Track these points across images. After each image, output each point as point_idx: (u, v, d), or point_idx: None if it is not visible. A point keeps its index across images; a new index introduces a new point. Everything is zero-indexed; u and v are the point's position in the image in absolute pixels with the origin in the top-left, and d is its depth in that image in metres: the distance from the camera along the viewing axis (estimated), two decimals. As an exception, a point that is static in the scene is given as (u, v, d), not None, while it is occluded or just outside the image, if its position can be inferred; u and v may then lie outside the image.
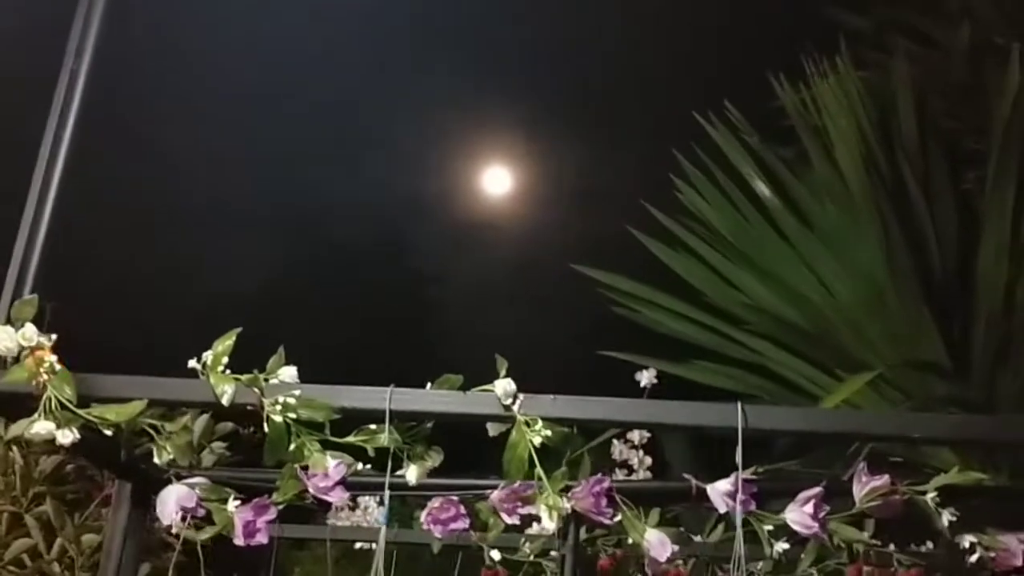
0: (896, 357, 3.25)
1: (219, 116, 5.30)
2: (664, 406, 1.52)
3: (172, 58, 4.67)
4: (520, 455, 1.50)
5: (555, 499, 1.50)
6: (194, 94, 5.08)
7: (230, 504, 1.71)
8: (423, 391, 1.54)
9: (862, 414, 2.09)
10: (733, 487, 1.78)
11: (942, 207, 3.58)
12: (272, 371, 1.57)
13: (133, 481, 2.03)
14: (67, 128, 1.78)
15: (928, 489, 1.82)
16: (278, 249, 6.31)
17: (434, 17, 5.23)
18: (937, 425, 1.56)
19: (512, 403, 1.52)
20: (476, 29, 5.34)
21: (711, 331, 3.65)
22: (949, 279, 3.47)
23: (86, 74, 1.82)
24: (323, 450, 1.55)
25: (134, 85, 4.11)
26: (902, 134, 3.69)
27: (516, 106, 5.49)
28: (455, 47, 5.42)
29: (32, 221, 1.68)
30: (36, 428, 1.52)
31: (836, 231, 3.53)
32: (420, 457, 1.59)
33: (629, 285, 3.79)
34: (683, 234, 3.75)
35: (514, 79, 5.44)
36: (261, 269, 6.11)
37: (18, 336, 1.56)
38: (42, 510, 2.92)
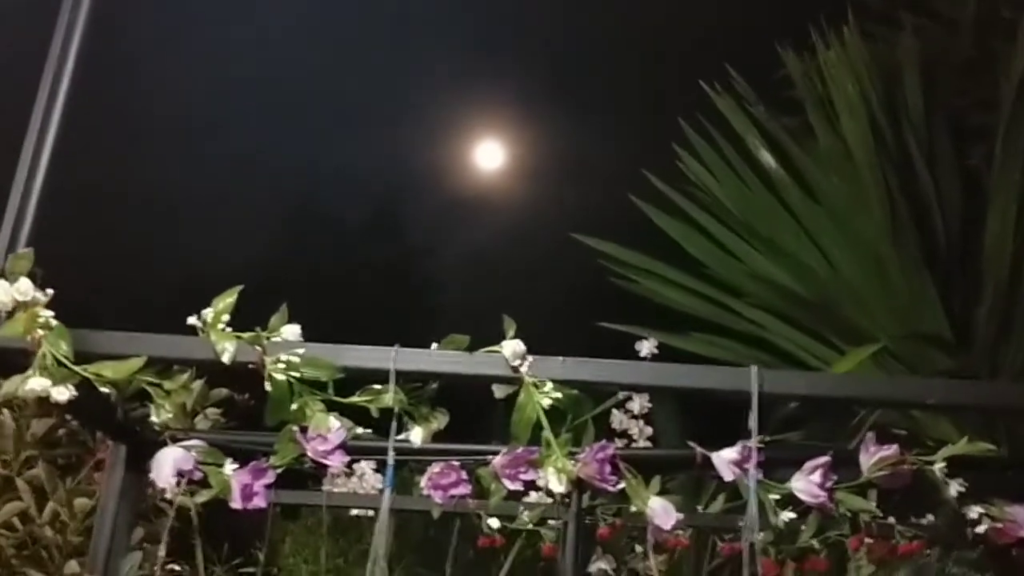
0: (899, 330, 3.23)
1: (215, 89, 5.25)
2: (676, 369, 1.49)
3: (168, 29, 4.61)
4: (528, 417, 1.47)
5: (563, 462, 1.47)
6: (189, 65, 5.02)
7: (227, 467, 1.67)
8: (429, 351, 1.51)
9: (875, 379, 2.07)
10: (740, 455, 1.76)
11: (947, 180, 3.55)
12: (274, 329, 1.53)
13: (128, 443, 2.00)
14: (63, 82, 1.73)
15: (937, 459, 1.80)
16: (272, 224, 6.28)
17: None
18: (952, 391, 1.53)
19: (520, 364, 1.48)
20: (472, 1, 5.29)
21: (712, 303, 3.62)
22: (953, 252, 3.44)
23: (81, 32, 1.77)
24: (326, 410, 1.51)
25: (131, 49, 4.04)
26: (908, 107, 3.65)
27: (517, 76, 5.43)
28: (451, 16, 5.36)
29: (27, 174, 1.63)
30: (31, 384, 1.48)
31: (840, 203, 3.50)
32: (425, 418, 1.55)
33: (629, 255, 3.75)
34: (685, 204, 3.71)
35: (515, 48, 5.39)
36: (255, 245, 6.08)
37: (12, 290, 1.51)
38: (34, 473, 2.88)
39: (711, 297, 3.64)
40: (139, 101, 4.68)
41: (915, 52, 3.73)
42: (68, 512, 2.83)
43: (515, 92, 5.61)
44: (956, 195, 3.53)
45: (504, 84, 5.55)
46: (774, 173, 3.60)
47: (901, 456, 1.79)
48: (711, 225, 3.68)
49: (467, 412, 1.80)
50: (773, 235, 3.53)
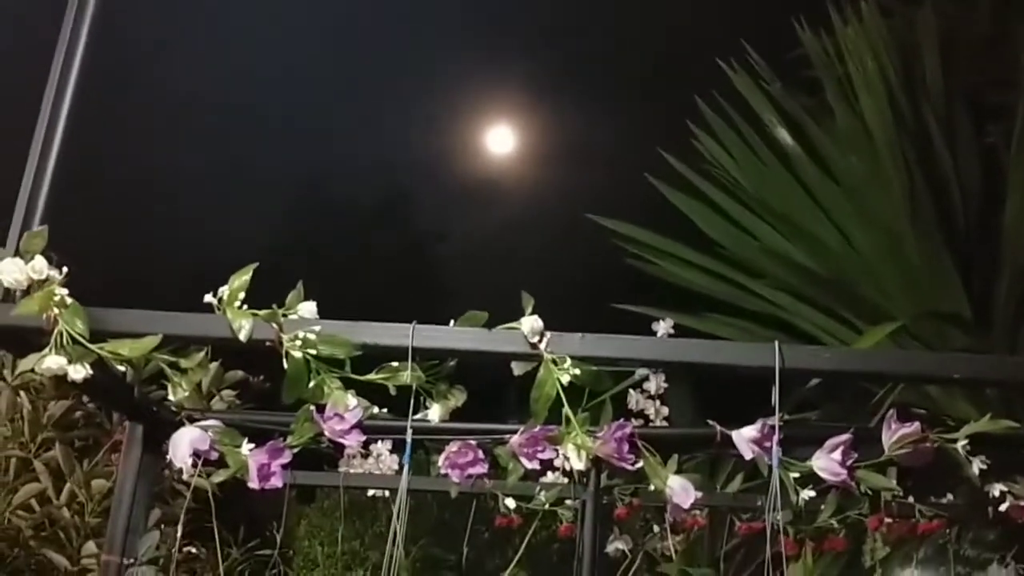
0: (917, 308, 3.20)
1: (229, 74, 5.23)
2: (697, 344, 1.47)
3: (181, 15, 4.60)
4: (547, 393, 1.46)
5: (583, 438, 1.46)
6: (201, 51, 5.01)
7: (244, 447, 1.66)
8: (447, 328, 1.49)
9: (899, 354, 2.04)
10: (760, 433, 1.74)
11: (966, 159, 3.51)
12: (291, 306, 1.51)
13: (145, 424, 1.99)
14: (74, 63, 1.72)
15: (959, 437, 1.77)
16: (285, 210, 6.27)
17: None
18: (978, 366, 1.50)
19: (539, 341, 1.47)
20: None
21: (728, 283, 3.59)
22: (972, 231, 3.41)
23: (92, 17, 1.75)
24: (344, 388, 1.50)
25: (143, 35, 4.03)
26: (927, 84, 3.61)
27: (531, 56, 5.40)
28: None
29: (40, 152, 1.62)
30: (47, 363, 1.47)
31: (858, 181, 3.46)
32: (443, 396, 1.54)
33: (645, 235, 3.73)
34: (701, 183, 3.68)
35: (529, 27, 5.35)
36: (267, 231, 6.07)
37: (28, 268, 1.50)
38: (51, 455, 2.89)
39: (727, 277, 3.61)
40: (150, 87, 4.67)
41: (934, 29, 3.68)
42: (85, 493, 2.84)
43: (528, 73, 5.58)
44: (975, 173, 3.49)
45: (518, 65, 5.52)
46: (791, 151, 3.56)
47: (923, 434, 1.77)
48: (728, 204, 3.65)
49: (480, 391, 1.79)
50: (790, 214, 3.50)
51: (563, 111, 5.73)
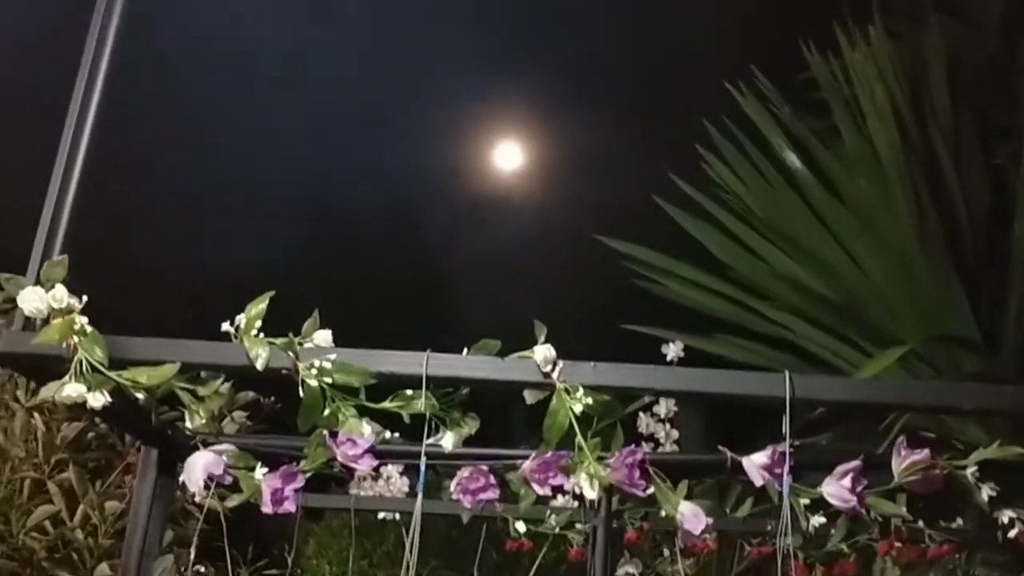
0: (926, 332, 3.21)
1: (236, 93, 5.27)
2: (709, 374, 1.48)
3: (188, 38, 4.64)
4: (560, 423, 1.47)
5: (596, 467, 1.47)
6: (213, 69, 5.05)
7: (258, 471, 1.68)
8: (460, 356, 1.51)
9: (909, 384, 2.05)
10: (770, 459, 1.75)
11: (974, 181, 3.52)
12: (307, 335, 1.54)
13: (159, 448, 2.01)
14: (95, 89, 1.75)
15: (968, 463, 1.78)
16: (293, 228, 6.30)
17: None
18: (988, 396, 1.51)
19: (552, 370, 1.48)
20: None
21: (737, 305, 3.60)
22: (980, 254, 3.41)
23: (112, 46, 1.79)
24: (358, 416, 1.52)
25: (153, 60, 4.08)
26: (934, 107, 3.62)
27: (541, 76, 5.43)
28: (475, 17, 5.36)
29: (61, 182, 1.65)
30: (67, 391, 1.49)
31: (866, 204, 3.47)
32: (456, 423, 1.56)
33: (654, 257, 3.74)
34: (710, 206, 3.70)
35: (538, 48, 5.38)
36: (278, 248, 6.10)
37: (48, 297, 1.53)
38: (64, 477, 2.91)
39: (737, 299, 3.62)
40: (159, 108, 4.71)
41: (941, 51, 3.70)
42: (99, 515, 2.85)
43: (539, 94, 5.61)
44: (983, 195, 3.50)
45: (528, 86, 5.55)
46: (800, 174, 3.58)
47: (932, 460, 1.78)
48: (736, 227, 3.66)
49: (489, 414, 1.80)
50: (799, 237, 3.51)
51: (574, 132, 5.75)
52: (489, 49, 5.37)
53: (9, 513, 2.87)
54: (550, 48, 5.37)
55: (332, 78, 5.55)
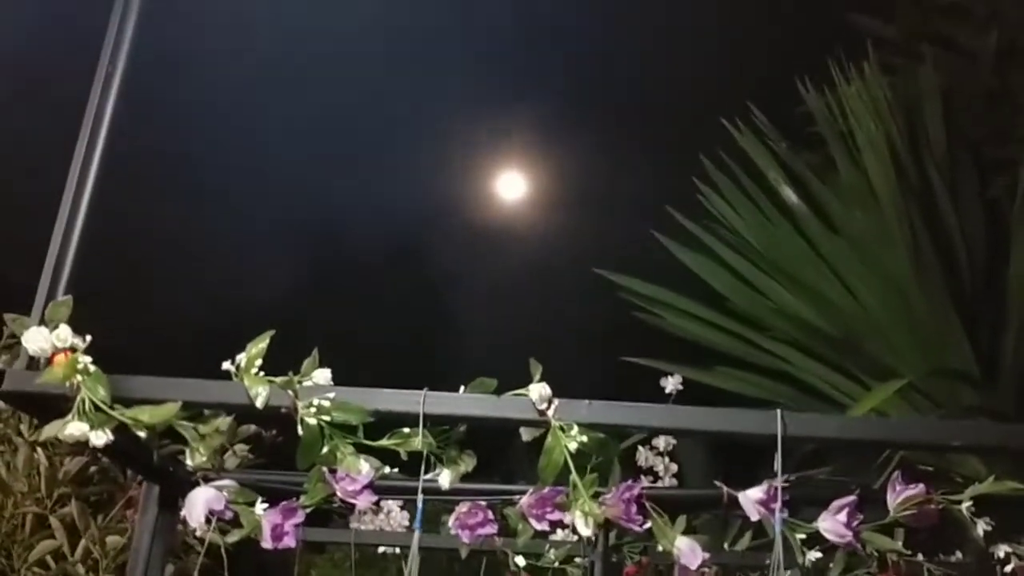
0: (924, 365, 3.22)
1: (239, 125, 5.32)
2: (702, 412, 1.50)
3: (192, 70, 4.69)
4: (556, 460, 1.49)
5: (590, 505, 1.49)
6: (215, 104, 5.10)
7: (258, 507, 1.70)
8: (457, 394, 1.54)
9: (902, 422, 2.07)
10: (766, 495, 1.76)
11: (970, 213, 3.55)
12: (306, 373, 1.56)
13: (161, 483, 2.03)
14: (102, 130, 1.79)
15: (963, 498, 1.80)
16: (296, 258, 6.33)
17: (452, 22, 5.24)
18: (978, 433, 1.53)
19: (547, 408, 1.51)
20: (496, 32, 5.35)
21: (736, 337, 3.62)
22: (978, 286, 3.43)
23: (120, 78, 1.83)
24: (356, 453, 1.54)
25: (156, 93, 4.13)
26: (930, 140, 3.66)
27: (538, 110, 5.48)
28: (474, 50, 5.42)
29: (67, 222, 1.68)
30: (70, 429, 1.52)
31: (863, 237, 3.50)
32: (453, 461, 1.58)
33: (653, 290, 3.76)
34: (708, 239, 3.72)
35: (536, 82, 5.44)
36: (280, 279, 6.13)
37: (52, 337, 1.55)
38: (66, 511, 2.92)
39: (735, 332, 3.64)
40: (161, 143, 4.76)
41: (935, 85, 3.74)
42: (100, 550, 2.87)
43: (538, 128, 5.66)
44: (979, 227, 3.52)
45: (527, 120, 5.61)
46: (796, 208, 3.61)
47: (928, 495, 1.79)
48: (734, 260, 3.69)
49: (490, 446, 1.82)
50: (796, 270, 3.54)
51: (573, 165, 5.80)
52: (489, 83, 5.43)
53: (11, 548, 2.88)
54: (549, 83, 5.43)
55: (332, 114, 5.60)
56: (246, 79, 5.01)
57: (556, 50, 5.37)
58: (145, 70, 1.82)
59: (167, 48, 2.14)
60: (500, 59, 5.42)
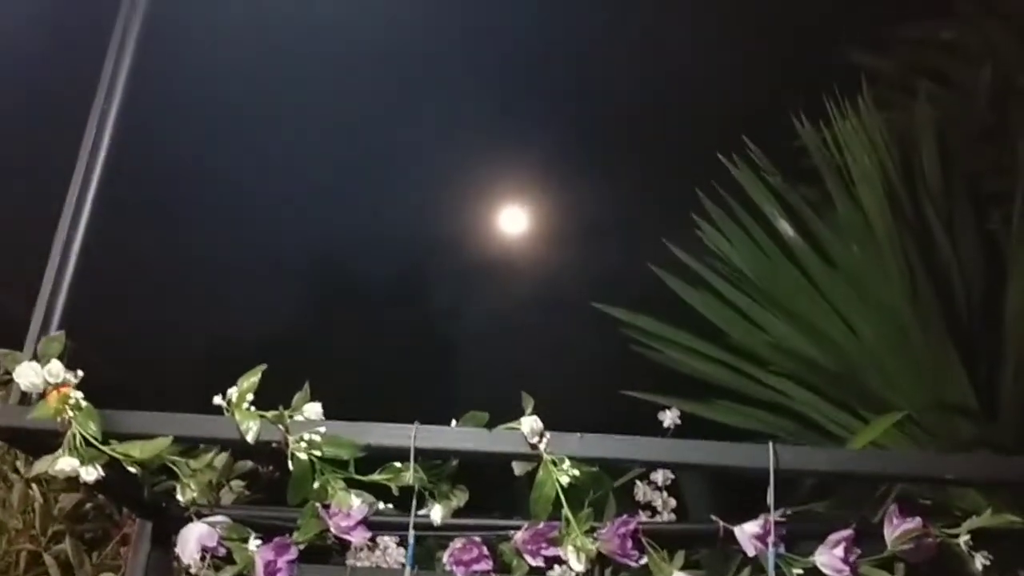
0: (922, 398, 3.21)
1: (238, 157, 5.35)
2: (694, 445, 1.50)
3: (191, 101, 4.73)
4: (547, 495, 1.49)
5: (583, 540, 1.48)
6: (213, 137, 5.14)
7: (251, 543, 1.70)
8: (448, 428, 1.53)
9: (894, 455, 2.06)
10: (762, 529, 1.76)
11: (967, 247, 3.55)
12: (297, 408, 1.56)
13: (154, 520, 2.02)
14: (96, 166, 1.80)
15: (961, 532, 1.78)
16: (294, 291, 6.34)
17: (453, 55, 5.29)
18: (970, 466, 1.53)
19: (538, 441, 1.50)
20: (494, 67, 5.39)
21: (734, 371, 3.61)
22: (975, 319, 3.43)
23: (117, 113, 1.84)
24: (347, 488, 1.54)
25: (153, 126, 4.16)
26: (925, 174, 3.67)
27: (536, 144, 5.52)
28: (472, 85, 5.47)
29: (60, 258, 1.69)
30: (60, 465, 1.52)
31: (860, 271, 3.50)
32: (445, 496, 1.57)
33: (650, 324, 3.76)
34: (705, 273, 3.73)
35: (533, 117, 5.48)
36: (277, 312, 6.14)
37: (44, 372, 1.56)
38: (60, 548, 2.91)
39: (733, 366, 3.63)
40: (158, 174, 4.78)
41: (931, 119, 3.76)
42: (94, 588, 2.84)
43: (536, 162, 5.70)
44: (976, 261, 3.52)
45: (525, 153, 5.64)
46: (793, 242, 3.62)
47: (925, 529, 1.78)
48: (732, 293, 3.69)
49: (490, 482, 1.81)
50: (793, 303, 3.53)
51: (571, 199, 5.83)
52: (488, 117, 5.46)
53: (5, 586, 2.86)
54: (547, 118, 5.47)
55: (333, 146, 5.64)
56: (246, 109, 5.04)
57: (556, 85, 5.42)
58: (142, 101, 1.84)
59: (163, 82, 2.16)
60: (500, 94, 5.47)
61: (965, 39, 4.35)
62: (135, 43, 1.86)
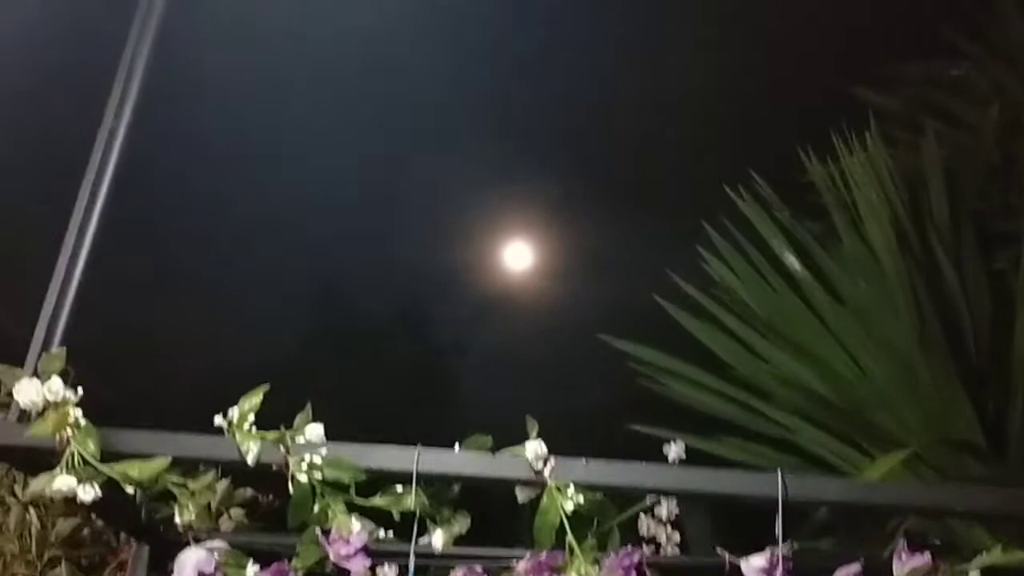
0: (930, 435, 3.18)
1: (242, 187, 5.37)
2: (701, 473, 1.48)
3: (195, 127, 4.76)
4: (551, 521, 1.46)
5: (587, 568, 1.45)
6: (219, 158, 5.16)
7: (249, 569, 1.67)
8: (451, 452, 1.51)
9: (903, 486, 2.03)
10: (768, 563, 1.73)
11: (975, 284, 3.54)
12: (299, 429, 1.54)
13: (151, 544, 2.00)
14: (103, 185, 1.80)
15: (970, 568, 1.76)
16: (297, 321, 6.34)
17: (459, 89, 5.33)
18: (980, 499, 1.50)
19: (543, 467, 1.48)
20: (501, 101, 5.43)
21: (740, 406, 3.58)
22: (983, 357, 3.41)
23: (124, 134, 1.85)
24: (348, 512, 1.52)
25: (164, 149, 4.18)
26: (933, 212, 3.67)
27: (541, 176, 5.53)
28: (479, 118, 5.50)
29: (64, 274, 1.68)
30: (57, 484, 1.50)
31: (867, 306, 3.48)
32: (447, 521, 1.55)
33: (657, 358, 3.74)
34: (712, 307, 3.71)
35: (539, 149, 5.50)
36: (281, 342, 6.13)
37: (44, 389, 1.54)
38: (56, 573, 2.88)
39: (740, 400, 3.61)
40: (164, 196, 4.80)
41: (938, 157, 3.76)
42: (89, 614, 2.81)
43: (542, 195, 5.72)
44: (984, 299, 3.51)
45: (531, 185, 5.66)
46: (800, 277, 3.61)
47: (934, 565, 1.75)
48: (738, 328, 3.67)
49: (496, 510, 1.78)
50: (800, 338, 3.51)
51: (577, 233, 5.84)
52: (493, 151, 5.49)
53: (-1, 611, 2.83)
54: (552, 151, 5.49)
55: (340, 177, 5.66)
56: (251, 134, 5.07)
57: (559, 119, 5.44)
58: (147, 119, 1.84)
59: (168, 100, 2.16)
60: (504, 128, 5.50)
61: (972, 79, 4.36)
62: (146, 59, 1.86)
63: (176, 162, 4.68)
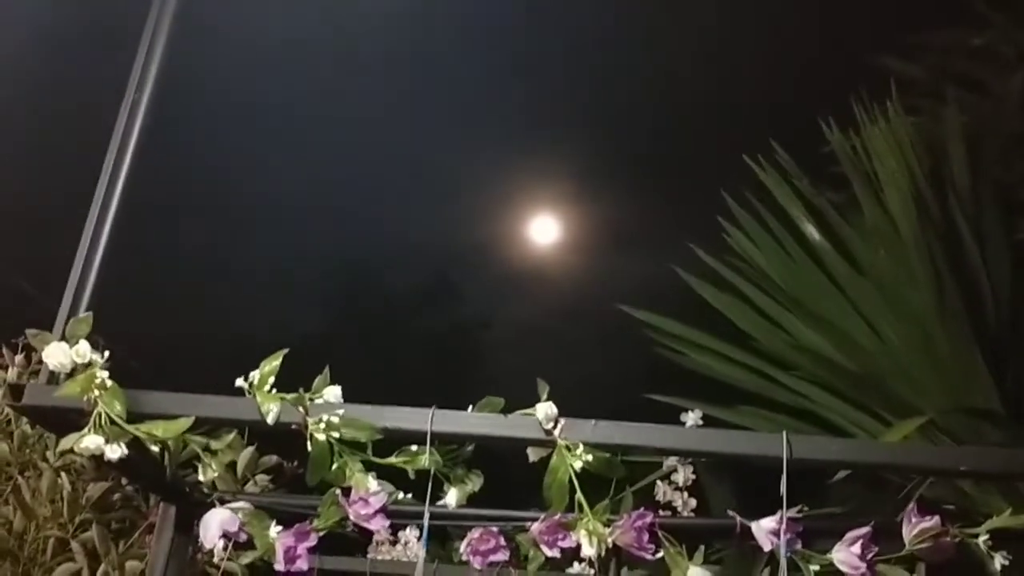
0: (948, 403, 3.18)
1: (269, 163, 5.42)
2: (707, 434, 1.52)
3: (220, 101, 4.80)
4: (561, 480, 1.50)
5: (595, 524, 1.49)
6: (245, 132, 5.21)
7: (272, 529, 1.71)
8: (465, 413, 1.55)
9: (907, 446, 2.05)
10: (778, 524, 1.75)
11: (995, 254, 3.52)
12: (317, 390, 1.59)
13: (178, 505, 2.06)
14: (126, 157, 1.84)
15: (980, 532, 1.77)
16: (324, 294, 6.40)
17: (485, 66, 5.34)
18: (984, 459, 1.52)
19: (553, 427, 1.52)
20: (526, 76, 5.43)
21: (759, 375, 3.60)
22: (1002, 325, 3.40)
23: (147, 105, 1.88)
24: (365, 471, 1.56)
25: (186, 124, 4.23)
26: (954, 181, 3.65)
27: (564, 148, 5.54)
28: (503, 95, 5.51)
29: (90, 241, 1.73)
30: (85, 443, 1.55)
31: (887, 276, 3.48)
32: (460, 480, 1.59)
33: (676, 327, 3.76)
34: (731, 277, 3.72)
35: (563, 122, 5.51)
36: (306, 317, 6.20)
37: (72, 352, 1.59)
38: (88, 536, 2.96)
39: (758, 369, 3.62)
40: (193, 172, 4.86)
41: (960, 126, 3.74)
42: (119, 574, 2.89)
43: (565, 168, 5.73)
44: (1005, 268, 3.50)
45: (553, 160, 5.67)
46: (820, 246, 3.60)
47: (943, 528, 1.77)
48: (757, 297, 3.68)
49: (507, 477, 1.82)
50: (819, 308, 3.52)
51: (599, 205, 5.85)
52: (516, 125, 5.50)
53: (32, 571, 2.91)
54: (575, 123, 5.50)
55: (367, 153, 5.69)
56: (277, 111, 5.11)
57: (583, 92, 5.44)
58: (172, 96, 1.88)
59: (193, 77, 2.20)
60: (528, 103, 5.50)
61: (996, 46, 4.31)
62: (165, 40, 1.90)
63: (206, 136, 4.74)
